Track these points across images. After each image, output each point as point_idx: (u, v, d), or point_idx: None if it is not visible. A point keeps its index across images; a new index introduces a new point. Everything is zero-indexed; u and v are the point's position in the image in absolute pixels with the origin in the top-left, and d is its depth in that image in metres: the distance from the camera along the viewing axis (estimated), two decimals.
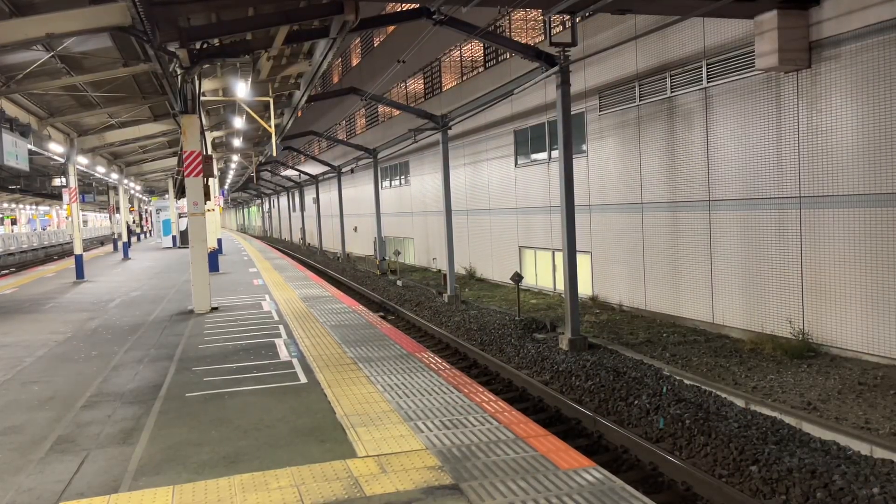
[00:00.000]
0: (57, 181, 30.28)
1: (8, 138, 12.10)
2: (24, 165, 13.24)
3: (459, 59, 22.79)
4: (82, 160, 22.02)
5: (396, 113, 27.94)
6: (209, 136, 20.96)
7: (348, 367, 7.47)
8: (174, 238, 34.49)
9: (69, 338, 10.10)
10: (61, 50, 11.72)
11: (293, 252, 42.34)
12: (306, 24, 12.35)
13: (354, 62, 37.04)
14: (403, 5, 17.06)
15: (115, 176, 29.30)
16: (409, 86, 27.55)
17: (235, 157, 35.48)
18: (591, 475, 4.36)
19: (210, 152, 19.50)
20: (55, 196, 51.35)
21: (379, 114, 32.06)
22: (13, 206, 66.30)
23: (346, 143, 29.88)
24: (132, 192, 40.35)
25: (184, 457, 4.94)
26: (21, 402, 6.66)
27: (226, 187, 52.14)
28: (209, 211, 16.21)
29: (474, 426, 5.35)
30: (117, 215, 34.45)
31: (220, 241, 26.11)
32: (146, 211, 56.65)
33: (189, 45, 10.54)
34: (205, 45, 11.21)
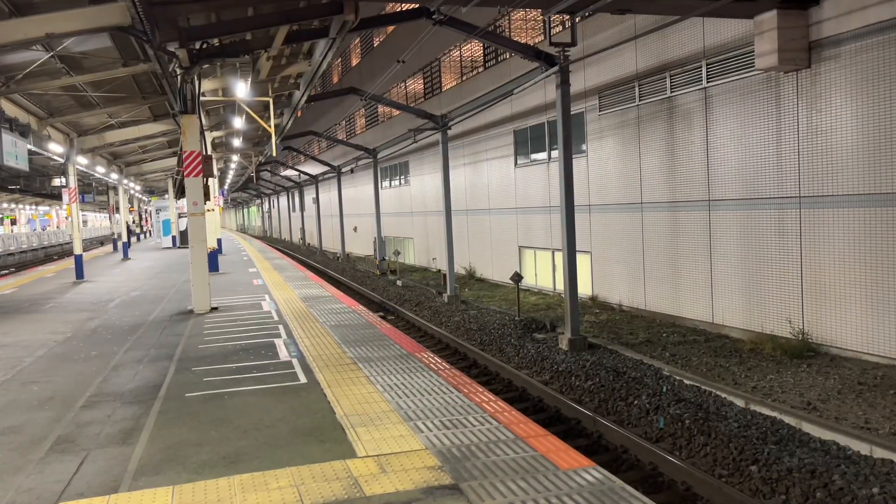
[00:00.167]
0: (56, 181, 30.30)
1: (7, 138, 12.10)
2: (23, 165, 13.24)
3: (459, 59, 22.79)
4: (82, 160, 22.02)
5: (396, 113, 27.94)
6: (209, 136, 20.95)
7: (348, 367, 7.47)
8: (174, 238, 34.47)
9: (69, 338, 10.10)
10: (61, 50, 11.71)
11: (293, 252, 42.34)
12: (306, 24, 12.36)
13: (354, 62, 37.04)
14: (403, 5, 17.07)
15: (114, 176, 29.29)
16: (409, 86, 27.55)
17: (235, 157, 35.49)
18: (590, 475, 4.36)
19: (210, 152, 19.50)
20: (55, 196, 51.36)
21: (379, 114, 32.06)
22: (13, 206, 66.32)
23: (346, 143, 29.89)
24: (132, 192, 40.34)
25: (183, 457, 4.94)
26: (21, 402, 6.66)
27: (225, 187, 52.14)
28: (209, 211, 16.20)
29: (474, 426, 5.35)
30: (117, 215, 34.45)
31: (219, 241, 26.11)
32: (146, 211, 56.67)
33: (189, 44, 10.55)
34: (204, 45, 11.21)
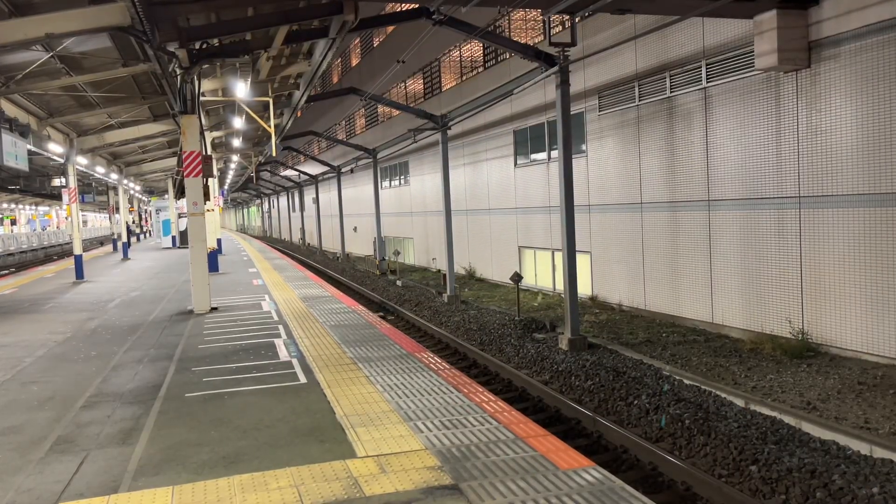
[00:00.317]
0: (56, 181, 30.32)
1: (7, 138, 12.10)
2: (23, 166, 13.25)
3: (459, 59, 22.79)
4: (82, 160, 22.02)
5: (396, 113, 27.94)
6: (209, 137, 20.95)
7: (348, 367, 7.47)
8: (174, 238, 34.46)
9: (69, 338, 10.10)
10: (61, 50, 11.71)
11: (293, 252, 42.34)
12: (306, 24, 12.36)
13: (354, 62, 37.04)
14: (403, 5, 17.07)
15: (114, 176, 29.29)
16: (409, 86, 27.55)
17: (235, 158, 35.47)
18: (590, 475, 4.36)
19: (209, 152, 19.50)
20: (55, 196, 51.37)
21: (378, 114, 32.06)
22: (13, 206, 66.33)
23: (346, 143, 29.89)
24: (132, 192, 40.34)
25: (183, 457, 4.94)
26: (20, 402, 6.66)
27: (225, 187, 52.13)
28: (209, 211, 16.20)
29: (474, 426, 5.35)
30: (117, 215, 34.45)
31: (219, 241, 26.11)
32: (146, 211, 56.67)
33: (188, 45, 10.55)
34: (204, 45, 11.21)
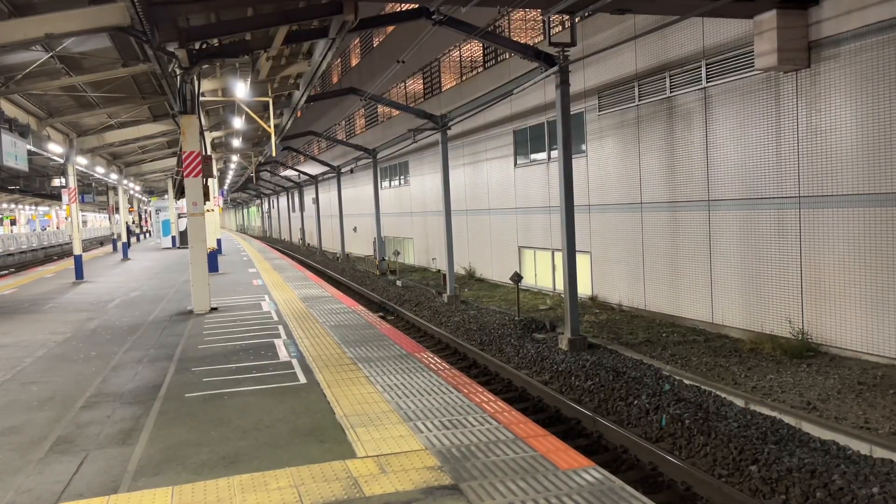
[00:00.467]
0: (56, 181, 30.28)
1: (7, 139, 12.09)
2: (23, 166, 13.24)
3: (459, 59, 22.79)
4: (81, 160, 22.01)
5: (396, 113, 27.94)
6: (208, 137, 20.94)
7: (348, 368, 7.47)
8: (174, 238, 34.46)
9: (68, 338, 10.10)
10: (60, 50, 11.71)
11: (293, 252, 42.34)
12: (305, 25, 12.36)
13: (354, 62, 37.04)
14: (403, 5, 17.07)
15: (114, 176, 29.28)
16: (409, 86, 27.55)
17: (235, 158, 35.47)
18: (590, 475, 4.36)
19: (209, 152, 19.49)
20: (54, 196, 51.35)
21: (378, 114, 32.06)
22: (12, 206, 66.31)
23: (346, 144, 29.88)
24: (131, 192, 40.33)
25: (183, 457, 4.94)
26: (20, 402, 6.65)
27: (225, 188, 52.11)
28: (208, 211, 16.20)
29: (474, 426, 5.35)
30: (117, 216, 34.44)
31: (219, 241, 26.11)
32: (145, 211, 56.66)
33: (188, 45, 10.55)
34: (204, 46, 11.21)
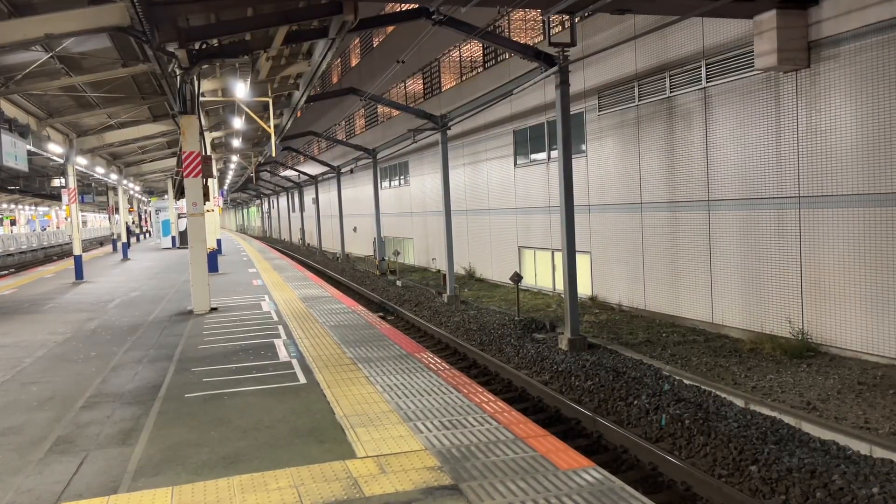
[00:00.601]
0: (56, 182, 30.29)
1: (7, 139, 12.09)
2: (23, 166, 13.24)
3: (459, 59, 22.79)
4: (81, 161, 22.01)
5: (396, 113, 27.94)
6: (208, 137, 20.93)
7: (348, 368, 7.47)
8: (173, 238, 34.46)
9: (68, 338, 10.09)
10: (60, 50, 11.71)
11: (293, 252, 42.33)
12: (305, 25, 12.35)
13: (354, 62, 37.04)
14: (403, 5, 17.07)
15: (114, 176, 29.28)
16: (409, 86, 27.55)
17: (235, 158, 35.46)
18: (590, 475, 4.36)
19: (209, 153, 19.49)
20: (54, 197, 51.32)
21: (378, 114, 32.06)
22: (12, 206, 66.30)
23: (346, 144, 29.88)
24: (131, 192, 40.32)
25: (183, 457, 4.94)
26: (20, 402, 6.65)
27: (225, 188, 52.11)
28: (208, 211, 16.20)
29: (474, 426, 5.35)
30: (116, 216, 34.43)
31: (219, 241, 26.10)
32: (145, 211, 56.65)
33: (188, 45, 10.54)
34: (204, 46, 11.20)
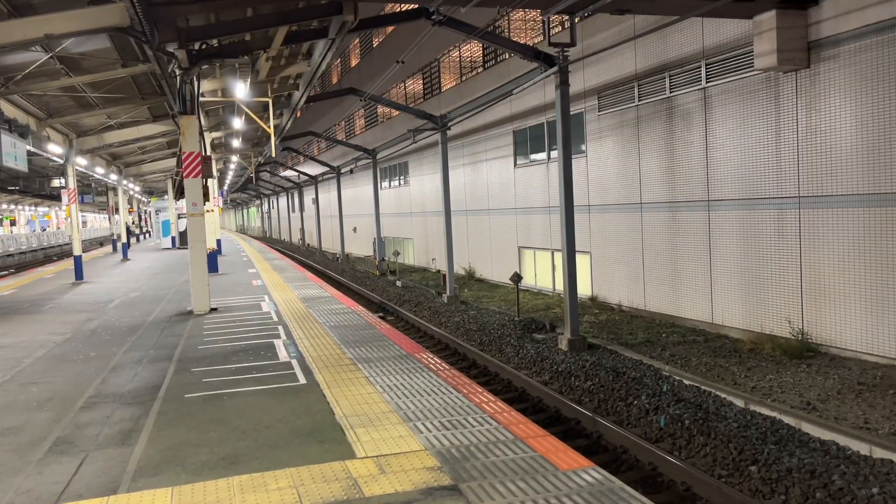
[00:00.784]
0: (56, 182, 30.29)
1: (7, 139, 12.09)
2: (22, 166, 13.24)
3: (458, 59, 22.79)
4: (81, 161, 22.01)
5: (395, 113, 27.94)
6: (208, 137, 20.93)
7: (347, 368, 7.47)
8: (173, 239, 34.47)
9: (68, 339, 10.09)
10: (60, 51, 11.71)
11: (292, 253, 42.33)
12: (305, 25, 12.36)
13: (353, 63, 37.04)
14: (402, 6, 17.07)
15: (114, 177, 29.28)
16: (409, 86, 27.55)
17: (234, 158, 35.47)
18: (590, 475, 4.35)
19: (209, 153, 19.49)
20: (54, 197, 51.31)
21: (378, 114, 32.06)
22: (12, 207, 66.29)
23: (346, 144, 29.87)
24: (131, 192, 40.32)
25: (183, 458, 4.94)
26: (20, 402, 6.65)
27: (225, 188, 52.11)
28: (208, 212, 16.20)
29: (473, 427, 5.35)
30: (116, 216, 34.43)
31: (219, 241, 26.11)
32: (145, 212, 56.64)
33: (188, 45, 10.55)
34: (203, 46, 11.21)
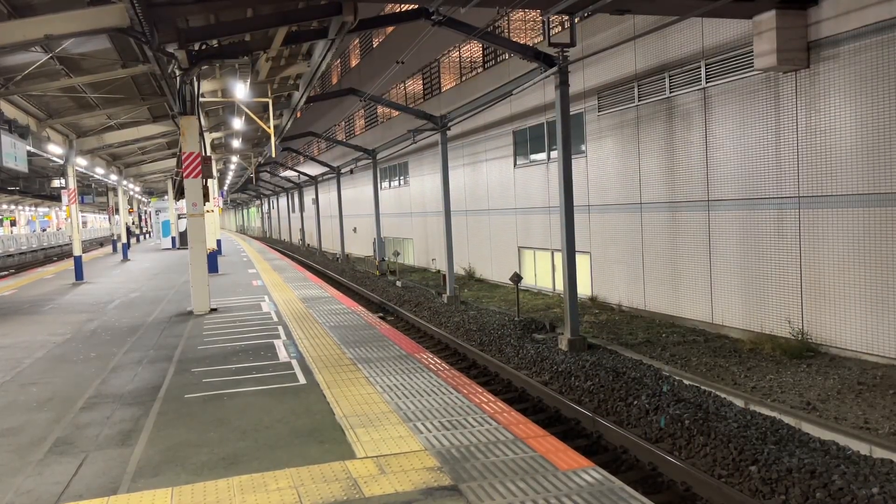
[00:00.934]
0: (56, 182, 30.34)
1: (7, 140, 12.09)
2: (23, 167, 13.25)
3: (458, 59, 22.79)
4: (81, 161, 22.01)
5: (395, 114, 27.94)
6: (208, 138, 20.93)
7: (347, 368, 7.47)
8: (173, 239, 34.48)
9: (68, 339, 10.09)
10: (60, 51, 11.72)
11: (292, 253, 42.33)
12: (305, 25, 12.36)
13: (353, 63, 37.04)
14: (402, 6, 17.08)
15: (114, 177, 29.29)
16: (409, 86, 27.55)
17: (234, 158, 35.47)
18: (590, 475, 4.36)
19: (209, 153, 19.49)
20: (54, 197, 51.34)
21: (378, 114, 32.06)
22: (12, 207, 66.31)
23: (345, 144, 29.87)
24: (131, 193, 40.33)
25: (183, 458, 4.94)
26: (20, 403, 6.65)
27: (225, 188, 52.12)
28: (208, 212, 16.20)
29: (473, 427, 5.35)
30: (116, 216, 34.43)
31: (219, 242, 26.11)
32: (145, 212, 56.66)
33: (187, 46, 10.55)
34: (203, 47, 11.21)
